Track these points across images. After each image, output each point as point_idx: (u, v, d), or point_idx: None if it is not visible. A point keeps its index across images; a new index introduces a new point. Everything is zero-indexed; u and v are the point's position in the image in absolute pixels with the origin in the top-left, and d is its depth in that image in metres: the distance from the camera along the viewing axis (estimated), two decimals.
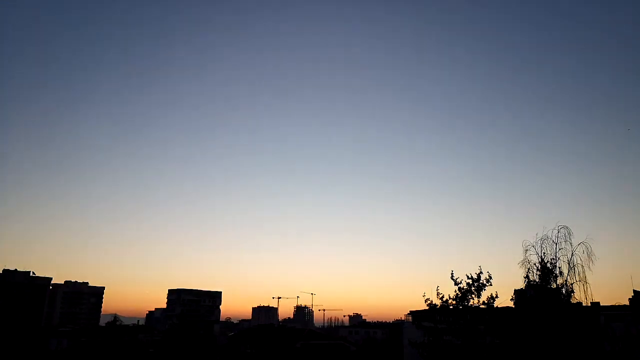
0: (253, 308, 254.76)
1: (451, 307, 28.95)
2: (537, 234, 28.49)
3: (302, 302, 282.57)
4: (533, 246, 28.26)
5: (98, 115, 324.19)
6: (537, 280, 27.46)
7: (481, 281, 28.73)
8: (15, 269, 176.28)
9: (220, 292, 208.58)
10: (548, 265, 27.44)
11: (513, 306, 29.36)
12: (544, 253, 27.85)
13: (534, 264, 27.85)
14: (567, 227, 27.98)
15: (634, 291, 66.26)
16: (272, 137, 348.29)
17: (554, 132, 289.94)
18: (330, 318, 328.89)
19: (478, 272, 28.84)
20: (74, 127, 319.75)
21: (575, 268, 27.21)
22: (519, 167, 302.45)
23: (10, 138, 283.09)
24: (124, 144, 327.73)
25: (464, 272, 29.23)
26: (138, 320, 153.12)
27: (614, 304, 54.63)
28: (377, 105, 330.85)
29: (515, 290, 35.02)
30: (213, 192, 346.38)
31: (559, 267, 27.47)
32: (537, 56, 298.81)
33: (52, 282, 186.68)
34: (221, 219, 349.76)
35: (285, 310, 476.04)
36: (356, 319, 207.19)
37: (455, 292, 28.97)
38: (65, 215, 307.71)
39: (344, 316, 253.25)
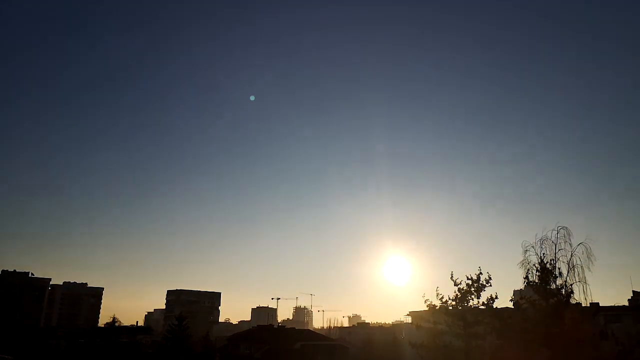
0: (252, 309, 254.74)
1: (451, 307, 28.92)
2: (536, 235, 28.61)
3: (301, 303, 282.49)
4: (533, 247, 28.37)
5: (98, 114, 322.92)
6: (537, 280, 27.50)
7: (481, 282, 28.68)
8: (14, 270, 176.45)
9: (220, 293, 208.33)
10: (548, 266, 27.48)
11: (513, 307, 29.35)
12: (544, 254, 27.94)
13: (534, 264, 27.94)
14: (566, 228, 28.11)
15: (633, 292, 66.46)
16: (272, 135, 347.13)
17: (553, 132, 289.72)
18: (330, 319, 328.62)
19: (478, 272, 28.83)
20: (73, 127, 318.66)
21: (575, 269, 27.32)
22: (518, 167, 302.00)
23: (10, 137, 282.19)
24: (124, 142, 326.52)
25: (464, 273, 29.29)
26: (137, 321, 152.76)
27: (613, 304, 54.81)
28: (378, 109, 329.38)
29: (514, 291, 35.07)
30: (212, 193, 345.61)
31: (559, 268, 27.57)
32: (535, 54, 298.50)
33: (51, 282, 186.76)
34: (220, 220, 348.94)
35: (285, 311, 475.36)
36: (355, 319, 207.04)
37: (454, 292, 28.95)
38: (64, 216, 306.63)
39: (343, 317, 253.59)
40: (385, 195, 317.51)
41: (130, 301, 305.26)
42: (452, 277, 29.19)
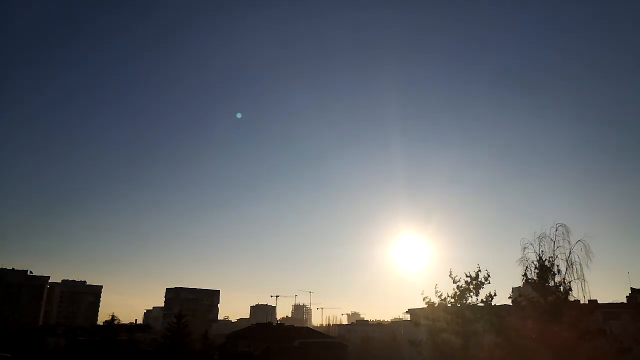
0: (251, 307, 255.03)
1: (449, 305, 29.00)
2: (535, 232, 28.55)
3: (300, 301, 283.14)
4: (531, 244, 28.31)
5: (97, 113, 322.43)
6: (535, 278, 27.50)
7: (479, 279, 28.79)
8: (13, 268, 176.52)
9: (218, 291, 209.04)
10: (546, 263, 27.48)
11: (511, 304, 29.40)
12: (542, 251, 27.91)
13: (532, 262, 27.91)
14: (565, 225, 28.06)
15: (632, 289, 66.66)
16: (272, 134, 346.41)
17: (552, 129, 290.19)
18: (329, 317, 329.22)
19: (476, 270, 28.94)
20: (73, 123, 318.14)
21: (573, 266, 27.27)
22: (516, 165, 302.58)
23: (9, 134, 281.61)
24: (123, 140, 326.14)
25: (463, 271, 29.40)
26: (136, 319, 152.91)
27: (611, 302, 55.03)
28: (379, 106, 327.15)
29: (513, 288, 35.07)
30: (211, 190, 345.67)
31: (557, 265, 27.53)
32: (535, 54, 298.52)
33: (50, 280, 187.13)
34: (219, 217, 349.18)
35: (284, 308, 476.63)
36: (354, 317, 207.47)
37: (453, 290, 29.04)
38: (63, 214, 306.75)
39: (342, 315, 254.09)
40: (396, 177, 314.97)
41: (129, 299, 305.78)
42: (450, 274, 29.35)
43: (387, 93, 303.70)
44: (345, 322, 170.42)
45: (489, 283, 28.76)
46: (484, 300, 28.52)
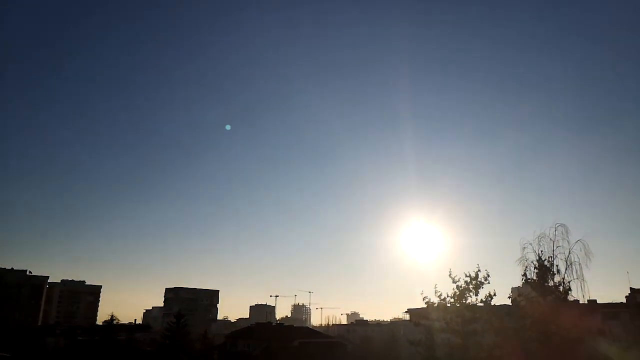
0: (250, 306, 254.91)
1: (449, 305, 28.99)
2: (534, 232, 28.73)
3: (300, 301, 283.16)
4: (531, 244, 28.46)
5: (96, 112, 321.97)
6: (535, 278, 27.59)
7: (479, 279, 28.75)
8: (12, 268, 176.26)
9: (218, 291, 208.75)
10: (546, 263, 27.59)
11: (511, 304, 29.43)
12: (542, 251, 28.07)
13: (532, 261, 28.06)
14: (564, 225, 28.20)
15: (631, 289, 66.59)
16: (272, 133, 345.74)
17: (551, 128, 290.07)
18: (328, 316, 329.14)
19: (476, 270, 28.92)
20: (72, 123, 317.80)
21: (573, 266, 27.41)
22: (516, 164, 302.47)
23: (8, 133, 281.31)
24: (123, 139, 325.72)
25: (462, 271, 29.36)
26: (135, 319, 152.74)
27: (610, 301, 55.01)
28: (388, 95, 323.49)
29: (513, 288, 35.12)
30: (211, 189, 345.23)
31: (557, 265, 27.68)
32: (535, 54, 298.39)
33: (49, 280, 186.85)
34: (219, 217, 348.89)
35: (283, 308, 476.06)
36: (354, 317, 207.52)
37: (453, 290, 29.02)
38: (62, 214, 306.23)
39: (342, 314, 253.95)
40: (397, 178, 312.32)
41: (129, 299, 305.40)
42: (450, 274, 29.33)
43: (397, 81, 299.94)
44: (344, 322, 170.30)
45: (489, 283, 28.74)
46: (484, 300, 28.49)
